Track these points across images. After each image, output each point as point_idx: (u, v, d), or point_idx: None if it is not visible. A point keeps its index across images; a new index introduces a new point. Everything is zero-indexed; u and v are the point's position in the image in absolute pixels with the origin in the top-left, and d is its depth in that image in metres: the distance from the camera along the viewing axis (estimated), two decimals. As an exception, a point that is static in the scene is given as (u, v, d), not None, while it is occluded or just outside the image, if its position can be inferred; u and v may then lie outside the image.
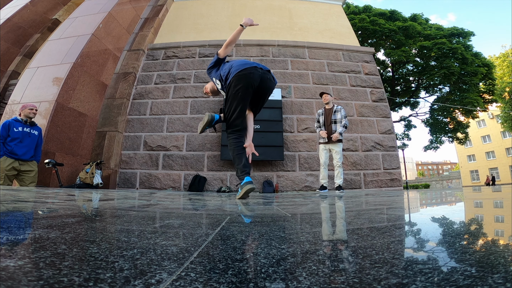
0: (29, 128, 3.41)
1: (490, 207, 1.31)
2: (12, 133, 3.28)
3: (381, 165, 5.03)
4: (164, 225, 0.74)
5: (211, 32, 6.64)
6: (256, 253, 0.45)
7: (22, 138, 3.32)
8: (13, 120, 3.37)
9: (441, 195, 2.84)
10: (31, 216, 0.88)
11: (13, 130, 3.30)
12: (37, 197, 1.58)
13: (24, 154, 3.32)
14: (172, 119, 5.23)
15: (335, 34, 6.78)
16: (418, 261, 0.39)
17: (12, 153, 3.25)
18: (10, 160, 3.22)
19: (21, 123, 3.37)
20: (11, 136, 3.27)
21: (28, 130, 3.40)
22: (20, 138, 3.30)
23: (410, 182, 24.91)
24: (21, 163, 3.32)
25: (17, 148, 3.27)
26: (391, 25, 12.31)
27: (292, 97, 5.44)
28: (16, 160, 3.27)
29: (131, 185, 4.81)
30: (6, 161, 3.20)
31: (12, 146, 3.25)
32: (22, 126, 3.36)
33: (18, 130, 3.32)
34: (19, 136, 3.30)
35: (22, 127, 3.36)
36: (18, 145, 3.28)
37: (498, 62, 17.50)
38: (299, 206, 1.52)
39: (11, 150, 3.24)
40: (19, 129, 3.33)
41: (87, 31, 5.11)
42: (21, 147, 3.30)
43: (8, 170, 3.20)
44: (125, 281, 0.30)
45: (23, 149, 3.31)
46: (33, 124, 3.49)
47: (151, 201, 1.69)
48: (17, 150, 3.27)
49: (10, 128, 3.29)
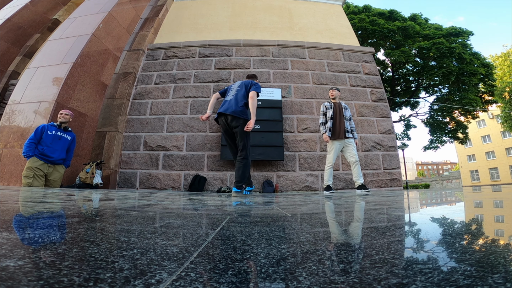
0: (62, 132, 3.57)
1: (490, 207, 1.31)
2: (45, 136, 3.44)
3: (381, 165, 5.03)
4: (164, 225, 0.74)
5: (211, 32, 6.63)
6: (256, 253, 0.45)
7: (52, 142, 3.46)
8: (48, 124, 3.54)
9: (441, 195, 2.84)
10: (31, 216, 0.88)
11: (46, 133, 3.45)
12: (37, 197, 1.58)
13: (53, 157, 3.45)
14: (172, 119, 5.23)
15: (335, 34, 6.78)
16: (418, 261, 0.39)
17: (43, 154, 3.38)
18: (40, 161, 3.36)
19: (55, 127, 3.54)
20: (43, 139, 3.43)
21: (60, 134, 3.56)
22: (51, 141, 3.46)
23: (410, 182, 24.91)
24: (50, 166, 3.45)
25: (48, 150, 3.41)
26: (390, 25, 12.31)
27: (292, 97, 5.44)
28: (45, 163, 3.40)
29: (131, 185, 4.81)
30: (36, 161, 3.34)
31: (43, 148, 3.39)
32: (56, 130, 3.53)
33: (51, 134, 3.48)
34: (50, 139, 3.46)
35: (55, 131, 3.52)
36: (49, 147, 3.43)
37: (499, 62, 17.49)
38: (299, 206, 1.51)
39: (42, 152, 3.38)
40: (52, 132, 3.49)
41: (87, 31, 5.11)
42: (51, 149, 3.44)
43: (37, 170, 3.32)
44: (125, 281, 0.30)
45: (53, 151, 3.45)
46: (67, 130, 3.65)
47: (151, 201, 1.68)
48: (47, 151, 3.41)
49: (44, 132, 3.45)
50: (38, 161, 3.36)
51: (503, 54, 18.01)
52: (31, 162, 3.33)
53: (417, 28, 12.36)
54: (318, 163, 4.92)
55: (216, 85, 5.52)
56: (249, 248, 0.49)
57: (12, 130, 4.09)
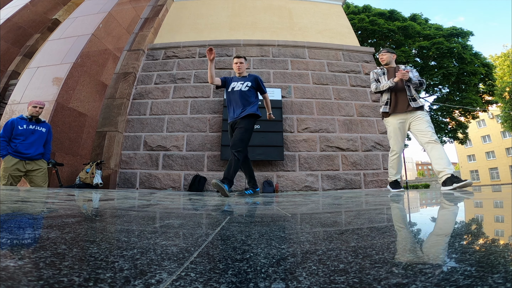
0: (34, 125, 3.24)
1: (490, 207, 1.31)
2: (16, 131, 3.13)
3: (381, 165, 5.03)
4: (164, 225, 0.74)
5: (211, 32, 6.64)
6: (256, 253, 0.45)
7: (26, 136, 3.15)
8: (18, 118, 3.20)
9: (441, 195, 2.83)
10: (31, 216, 0.88)
11: (17, 128, 3.13)
12: (37, 197, 1.58)
13: (29, 152, 3.15)
14: (172, 119, 5.23)
15: (335, 34, 6.78)
16: (418, 261, 0.39)
17: (17, 151, 3.10)
18: (14, 160, 3.08)
19: (26, 120, 3.22)
20: (14, 134, 3.12)
21: (33, 127, 3.23)
22: (24, 136, 3.14)
23: (410, 182, 24.90)
24: (28, 162, 3.16)
25: (22, 146, 3.11)
26: (390, 25, 12.31)
27: (292, 97, 5.44)
28: (21, 160, 3.12)
29: (131, 185, 4.81)
30: (10, 160, 3.07)
31: (16, 144, 3.09)
32: (27, 124, 3.20)
33: (22, 128, 3.16)
34: (22, 133, 3.14)
35: (27, 125, 3.20)
36: (22, 143, 3.12)
37: (499, 62, 17.48)
38: (299, 206, 1.51)
39: (16, 149, 3.09)
40: (23, 126, 3.17)
41: (87, 31, 5.11)
42: (25, 145, 3.13)
43: (12, 170, 3.05)
44: (125, 281, 0.30)
45: (27, 147, 3.14)
46: (39, 122, 3.32)
47: (151, 201, 1.68)
48: (21, 148, 3.10)
49: (14, 127, 3.13)
50: (13, 159, 3.07)
51: (503, 54, 18.00)
52: (6, 162, 3.05)
53: (417, 28, 12.36)
54: (318, 163, 4.92)
55: (216, 85, 5.51)
56: (249, 248, 0.49)
57: (12, 130, 4.08)
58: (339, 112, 5.37)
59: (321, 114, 5.31)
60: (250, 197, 2.51)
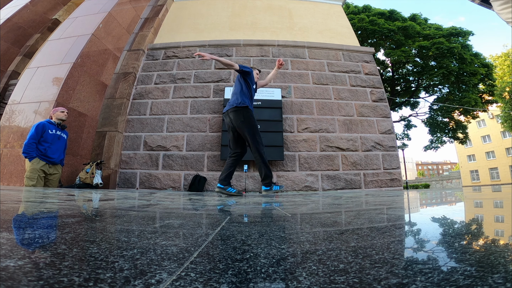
0: (60, 131, 3.39)
1: (490, 207, 1.31)
2: (46, 136, 3.22)
3: (381, 165, 5.03)
4: (164, 225, 0.74)
5: (211, 32, 6.64)
6: (256, 253, 0.45)
7: (53, 141, 3.28)
8: (47, 123, 3.30)
9: (441, 195, 2.83)
10: (31, 216, 0.88)
11: (47, 132, 3.24)
12: (37, 197, 1.58)
13: (55, 157, 3.28)
14: (172, 119, 5.23)
15: (335, 34, 6.78)
16: (418, 261, 0.39)
17: (45, 155, 3.20)
18: (42, 162, 3.19)
19: (54, 126, 3.34)
20: (44, 138, 3.21)
21: (59, 133, 3.37)
22: (52, 140, 3.27)
23: (410, 182, 24.91)
24: (50, 166, 3.29)
25: (50, 151, 3.23)
26: (390, 25, 12.31)
27: (292, 97, 5.44)
28: (47, 163, 3.24)
29: (131, 185, 4.81)
30: (39, 162, 3.17)
31: (45, 148, 3.20)
32: (55, 129, 3.33)
33: (52, 133, 3.27)
34: (51, 138, 3.26)
35: (55, 130, 3.33)
36: (51, 147, 3.24)
37: (499, 62, 17.48)
38: (299, 206, 1.51)
39: (45, 153, 3.19)
40: (53, 131, 3.28)
41: (87, 31, 5.11)
42: (53, 149, 3.26)
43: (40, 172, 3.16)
44: (125, 281, 0.30)
45: (54, 152, 3.28)
46: (64, 128, 3.46)
47: (151, 201, 1.68)
48: (49, 152, 3.23)
49: (45, 130, 3.23)
50: (41, 162, 3.18)
51: (503, 54, 18.01)
52: (35, 164, 3.15)
53: (417, 28, 12.37)
54: (318, 163, 4.92)
55: (216, 85, 5.52)
56: (249, 248, 0.49)
57: (12, 130, 4.09)
58: (339, 112, 5.37)
59: (321, 114, 5.31)
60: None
